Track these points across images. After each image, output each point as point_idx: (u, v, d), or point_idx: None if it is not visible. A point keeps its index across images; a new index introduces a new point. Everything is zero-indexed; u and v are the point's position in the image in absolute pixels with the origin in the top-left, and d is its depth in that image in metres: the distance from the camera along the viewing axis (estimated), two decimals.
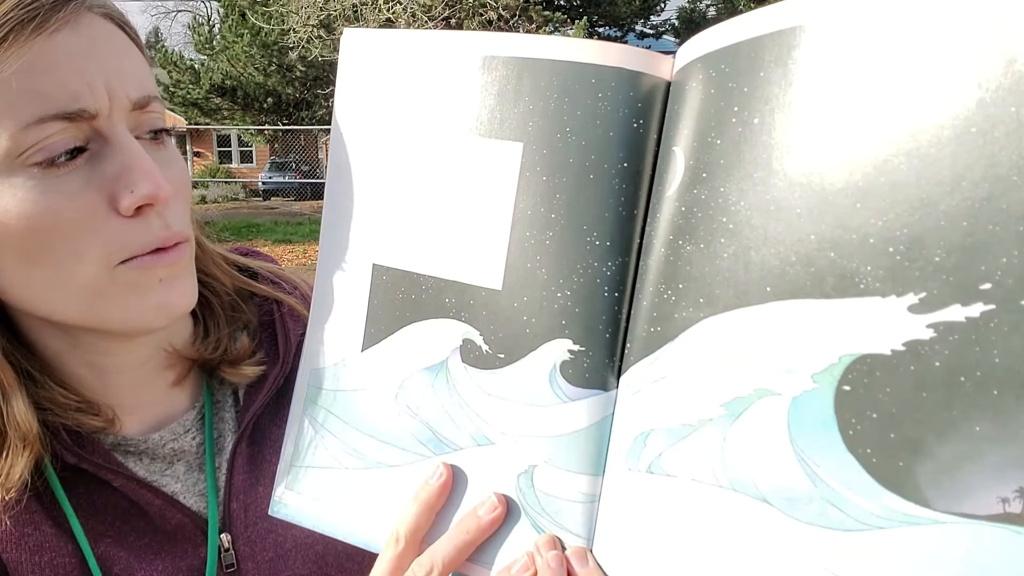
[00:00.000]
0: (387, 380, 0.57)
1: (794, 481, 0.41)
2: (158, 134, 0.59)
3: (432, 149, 0.54)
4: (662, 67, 0.49)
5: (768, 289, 0.42)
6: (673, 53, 0.51)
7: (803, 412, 0.41)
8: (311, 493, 0.59)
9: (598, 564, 0.49)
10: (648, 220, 0.49)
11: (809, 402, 0.41)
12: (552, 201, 0.50)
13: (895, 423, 0.38)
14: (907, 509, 0.38)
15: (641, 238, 0.49)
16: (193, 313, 0.72)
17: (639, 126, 0.49)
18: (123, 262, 0.56)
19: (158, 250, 0.57)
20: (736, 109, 0.44)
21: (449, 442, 0.54)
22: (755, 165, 0.42)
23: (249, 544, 0.69)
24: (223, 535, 0.67)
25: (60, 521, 0.62)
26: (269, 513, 0.60)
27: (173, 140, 0.64)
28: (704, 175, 0.45)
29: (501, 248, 0.52)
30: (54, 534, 0.60)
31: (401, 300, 0.56)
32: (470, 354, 0.54)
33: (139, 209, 0.56)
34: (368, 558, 0.55)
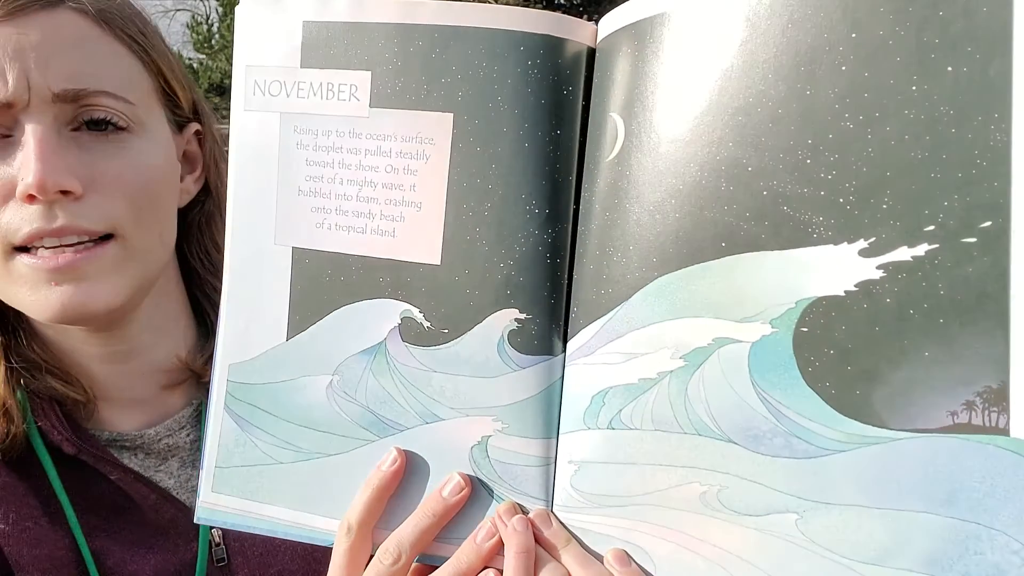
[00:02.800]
0: (319, 368, 0.54)
1: (758, 420, 0.44)
2: (101, 126, 0.59)
3: (356, 122, 0.52)
4: (585, 33, 0.51)
5: (723, 244, 0.44)
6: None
7: (763, 356, 0.44)
8: (242, 493, 0.56)
9: (561, 523, 0.51)
10: (584, 185, 0.50)
11: (768, 346, 0.44)
12: (488, 171, 0.50)
13: (851, 357, 0.42)
14: (866, 432, 0.42)
15: (576, 204, 0.50)
16: (197, 320, 0.77)
17: (568, 93, 0.50)
18: (21, 251, 0.58)
19: (60, 249, 0.57)
20: (677, 75, 0.46)
21: (394, 423, 0.53)
22: (702, 128, 0.45)
23: (239, 539, 0.69)
24: (214, 530, 0.68)
25: (57, 515, 0.64)
26: (195, 521, 0.57)
27: (134, 134, 0.64)
28: (648, 140, 0.47)
29: (437, 222, 0.51)
30: (51, 528, 0.62)
31: (328, 283, 0.54)
32: (410, 332, 0.53)
33: (32, 198, 0.56)
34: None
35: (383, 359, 0.53)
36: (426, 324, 0.52)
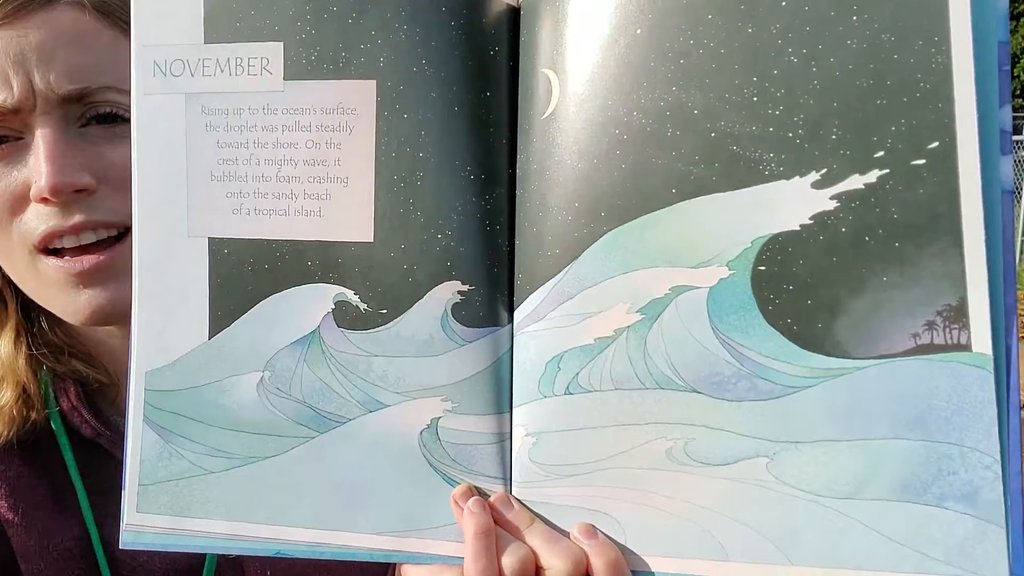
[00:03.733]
0: (247, 365, 0.50)
1: (720, 365, 0.44)
2: (109, 119, 0.59)
3: (270, 97, 0.49)
4: None
5: (673, 191, 0.44)
6: None
7: (722, 299, 0.43)
8: (171, 510, 0.51)
9: (523, 504, 0.48)
10: (520, 147, 0.48)
11: (727, 289, 0.43)
12: (418, 139, 0.48)
13: (810, 290, 0.42)
14: (829, 364, 0.42)
15: (512, 167, 0.49)
16: None
17: (495, 53, 0.48)
18: (49, 254, 0.60)
19: (83, 250, 0.60)
20: (610, 23, 0.45)
21: (334, 416, 0.50)
22: (643, 75, 0.44)
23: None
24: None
25: (69, 502, 0.64)
26: (120, 547, 0.51)
27: None
28: (586, 92, 0.45)
29: (366, 197, 0.48)
30: (62, 517, 0.62)
31: (251, 273, 0.50)
32: (346, 317, 0.49)
33: (46, 200, 0.57)
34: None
35: (317, 348, 0.50)
36: (362, 306, 0.49)
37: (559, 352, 0.47)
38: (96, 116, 0.60)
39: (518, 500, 0.48)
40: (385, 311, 0.49)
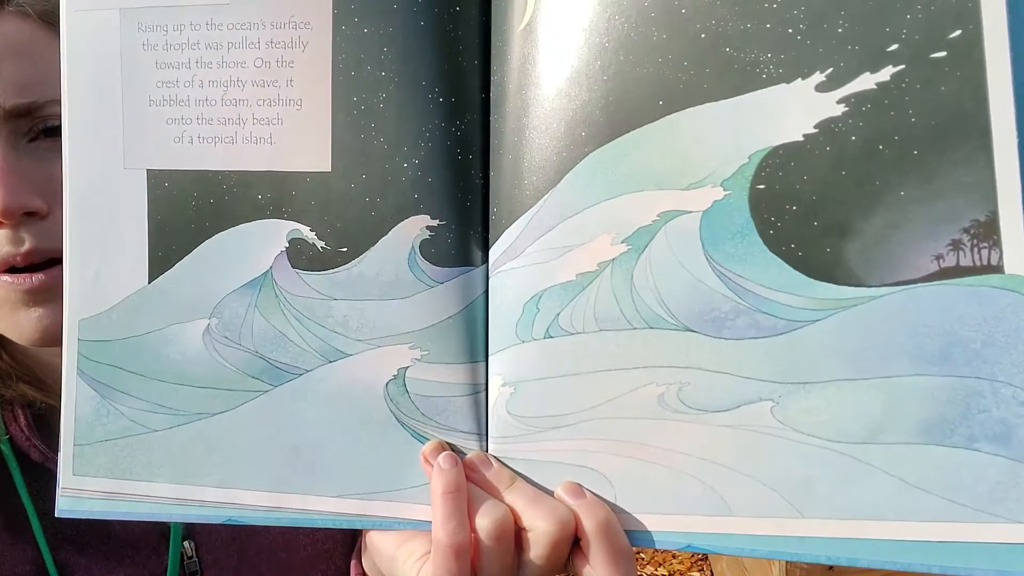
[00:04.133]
0: (192, 311, 0.45)
1: (717, 300, 0.39)
2: (58, 133, 0.51)
3: (215, 11, 0.43)
4: None
5: (661, 103, 0.39)
6: None
7: (716, 225, 0.38)
8: (111, 472, 0.46)
9: (502, 463, 0.43)
10: (494, 67, 0.43)
11: (722, 212, 0.38)
12: (380, 56, 0.43)
13: (817, 210, 0.37)
14: (840, 294, 0.37)
15: (486, 91, 0.44)
16: None
17: None
18: None
19: (33, 267, 0.54)
20: None
21: (290, 367, 0.45)
22: None
23: (212, 551, 0.65)
24: (186, 542, 0.65)
25: (22, 527, 0.62)
26: (56, 514, 0.46)
27: None
28: (564, 1, 0.41)
29: (323, 122, 0.43)
30: (13, 543, 0.61)
31: (195, 209, 0.45)
32: (301, 256, 0.44)
33: None
34: (333, 565, 0.47)
35: (270, 292, 0.45)
36: (320, 244, 0.44)
37: (538, 291, 0.42)
38: (45, 129, 0.56)
39: (495, 458, 0.43)
40: (345, 249, 0.44)
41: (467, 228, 0.44)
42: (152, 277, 0.46)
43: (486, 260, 0.44)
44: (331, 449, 0.45)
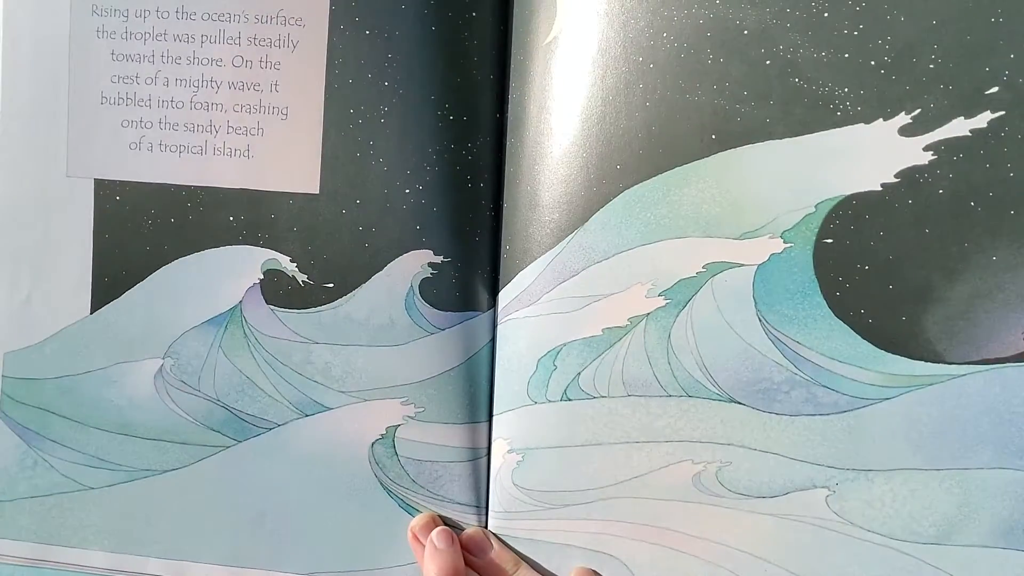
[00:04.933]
0: (141, 349, 0.38)
1: (769, 368, 0.34)
2: None
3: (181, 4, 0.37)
4: None
5: (713, 136, 0.33)
6: None
7: (773, 281, 0.33)
8: (36, 535, 0.39)
9: (504, 543, 0.38)
10: (512, 84, 0.38)
11: (780, 267, 0.33)
12: (382, 64, 0.37)
13: (893, 272, 0.32)
14: (915, 370, 0.32)
15: (501, 112, 0.38)
16: None
17: None
18: None
19: None
20: None
21: (257, 420, 0.38)
22: None
23: None
24: None
25: None
26: None
27: None
28: (600, 10, 0.35)
29: (312, 135, 0.37)
30: None
31: (151, 229, 0.38)
32: (278, 291, 0.38)
33: None
34: None
35: (238, 331, 0.38)
36: (301, 278, 0.38)
37: (556, 346, 0.36)
38: None
39: (496, 536, 0.38)
40: (331, 285, 0.38)
41: (474, 267, 0.38)
42: (95, 307, 0.39)
43: (494, 305, 0.38)
44: (302, 518, 0.38)
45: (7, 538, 0.39)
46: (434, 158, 0.37)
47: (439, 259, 0.37)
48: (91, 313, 0.39)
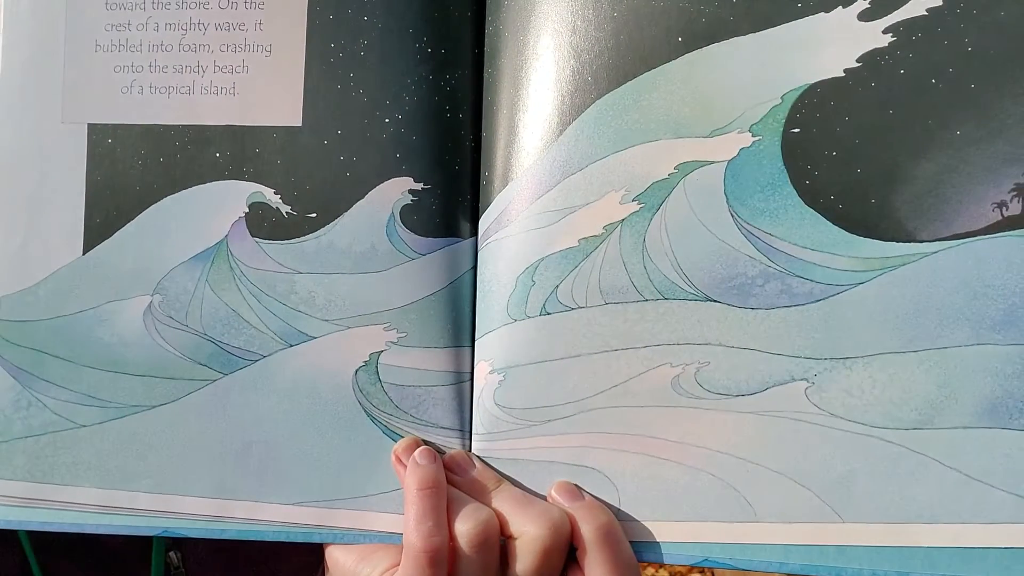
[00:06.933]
0: (131, 287, 0.39)
1: (743, 263, 0.34)
2: None
3: None
4: None
5: (679, 39, 0.34)
6: None
7: (744, 176, 0.34)
8: (30, 474, 0.39)
9: (486, 463, 0.37)
10: (490, 17, 0.39)
11: (750, 161, 0.34)
12: (362, 0, 0.38)
13: (860, 156, 0.32)
14: (888, 251, 0.32)
15: (479, 47, 0.39)
16: None
17: None
18: None
19: None
20: None
21: (243, 352, 0.39)
22: None
23: (199, 561, 0.60)
24: (173, 553, 0.61)
25: (7, 532, 0.58)
26: None
27: None
28: None
29: (295, 70, 0.38)
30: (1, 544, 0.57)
31: (141, 168, 0.39)
32: (262, 223, 0.39)
33: None
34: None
35: (224, 264, 0.39)
36: (284, 209, 0.39)
37: (533, 261, 0.36)
38: None
39: (479, 458, 0.37)
40: (314, 215, 0.38)
41: (454, 195, 0.38)
42: (87, 247, 0.40)
43: (475, 233, 0.38)
44: (288, 448, 0.38)
45: (3, 478, 0.39)
46: (413, 89, 0.38)
47: (419, 186, 0.38)
48: (83, 254, 0.40)
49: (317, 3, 0.38)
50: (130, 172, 0.39)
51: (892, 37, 0.32)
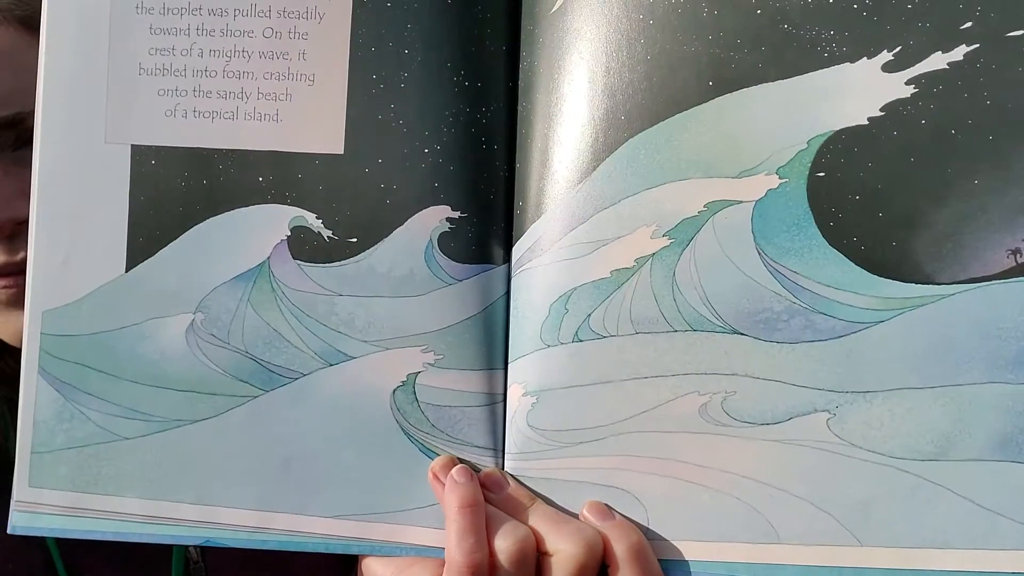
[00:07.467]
0: (174, 305, 0.40)
1: (769, 299, 0.36)
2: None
3: None
4: None
5: (710, 83, 0.36)
6: None
7: (770, 216, 0.35)
8: (73, 484, 0.40)
9: (520, 482, 0.39)
10: (523, 53, 0.40)
11: (776, 203, 0.35)
12: (403, 33, 0.40)
13: (882, 200, 0.34)
14: (907, 292, 0.34)
15: (513, 80, 0.41)
16: None
17: None
18: None
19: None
20: None
21: (284, 370, 0.40)
22: None
23: (218, 555, 0.60)
24: (191, 548, 0.60)
25: None
26: (9, 531, 0.40)
27: None
28: None
29: (337, 99, 0.40)
30: (24, 542, 0.56)
31: (184, 190, 0.40)
32: (304, 246, 0.40)
33: None
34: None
35: (266, 285, 0.40)
36: (326, 233, 0.40)
37: (566, 290, 0.38)
38: (30, 138, 0.54)
39: (513, 476, 0.39)
40: (355, 240, 0.40)
41: (489, 223, 0.40)
42: (130, 265, 0.41)
43: (508, 260, 0.40)
44: (327, 463, 0.40)
45: (47, 487, 0.41)
46: (451, 121, 0.40)
47: (456, 214, 0.40)
48: (126, 271, 0.41)
49: (359, 36, 0.40)
50: (173, 193, 0.41)
51: (914, 88, 0.34)
